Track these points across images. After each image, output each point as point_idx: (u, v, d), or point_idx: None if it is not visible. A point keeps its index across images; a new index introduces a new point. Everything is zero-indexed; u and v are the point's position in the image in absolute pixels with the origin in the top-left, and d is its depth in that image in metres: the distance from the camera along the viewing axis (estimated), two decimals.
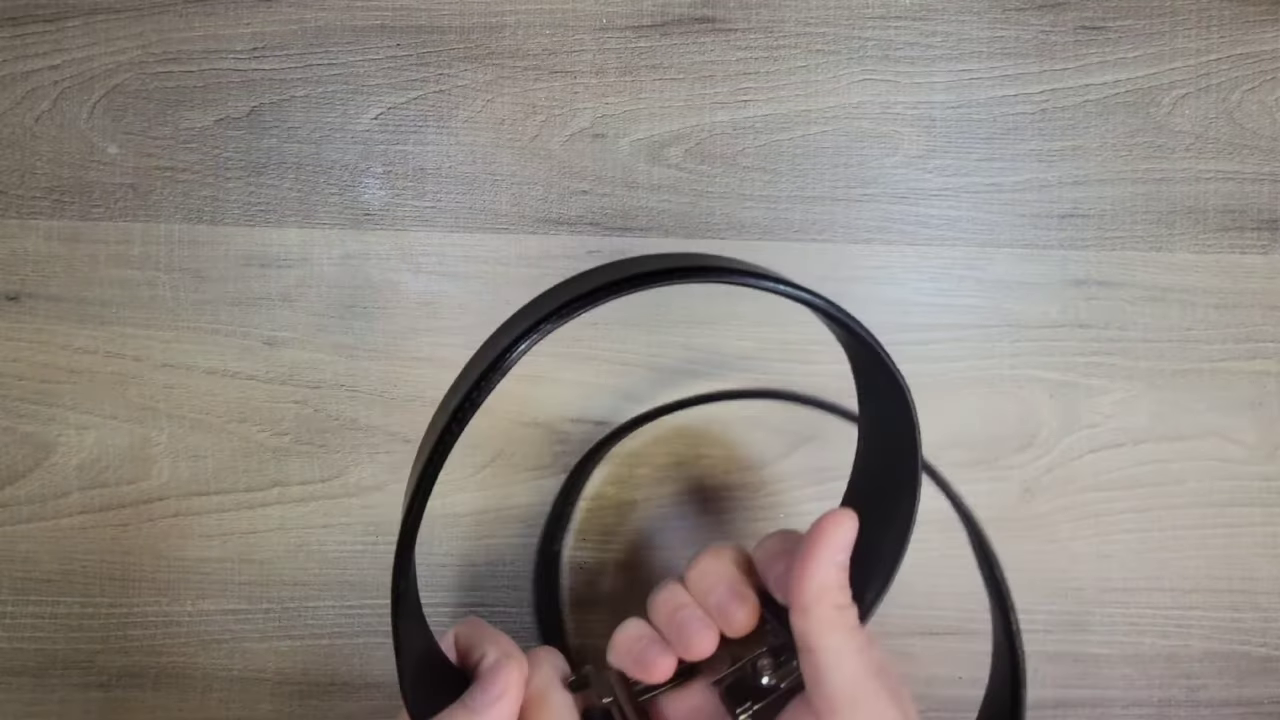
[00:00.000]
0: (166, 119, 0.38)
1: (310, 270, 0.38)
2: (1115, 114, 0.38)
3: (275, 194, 0.38)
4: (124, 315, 0.38)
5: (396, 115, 0.38)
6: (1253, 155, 0.38)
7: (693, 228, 0.38)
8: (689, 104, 0.38)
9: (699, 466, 0.38)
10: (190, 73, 0.38)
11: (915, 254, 0.38)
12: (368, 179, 0.38)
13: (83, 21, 0.38)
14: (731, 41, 0.38)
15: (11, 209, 0.38)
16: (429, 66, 0.38)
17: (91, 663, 0.37)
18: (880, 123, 0.38)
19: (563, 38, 0.38)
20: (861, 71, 0.38)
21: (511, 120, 0.38)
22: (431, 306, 0.38)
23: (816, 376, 0.38)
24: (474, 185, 0.38)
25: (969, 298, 0.38)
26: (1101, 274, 0.38)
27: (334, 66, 0.38)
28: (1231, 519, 0.38)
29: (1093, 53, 0.38)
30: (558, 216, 0.38)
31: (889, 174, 0.38)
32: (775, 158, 0.38)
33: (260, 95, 0.38)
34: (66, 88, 0.38)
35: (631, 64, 0.38)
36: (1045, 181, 0.38)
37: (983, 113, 0.38)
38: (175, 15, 0.38)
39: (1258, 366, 0.38)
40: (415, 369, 0.38)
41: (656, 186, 0.38)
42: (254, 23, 0.38)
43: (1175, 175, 0.39)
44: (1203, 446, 0.38)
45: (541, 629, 0.38)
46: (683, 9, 0.38)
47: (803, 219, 0.38)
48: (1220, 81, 0.38)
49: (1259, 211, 0.39)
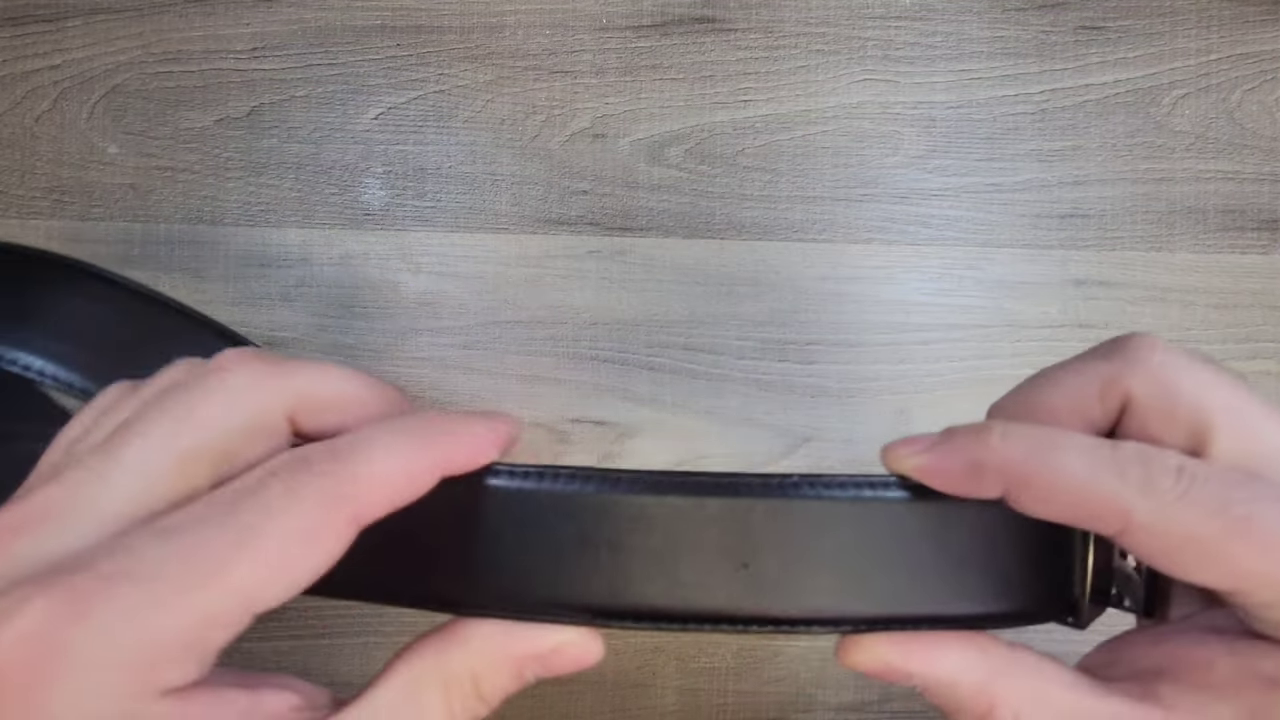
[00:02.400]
0: (166, 119, 0.38)
1: (310, 270, 0.38)
2: (1115, 114, 0.38)
3: (275, 194, 0.38)
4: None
5: (396, 115, 0.38)
6: (1253, 155, 0.38)
7: (693, 228, 0.38)
8: (689, 104, 0.38)
9: (698, 467, 0.38)
10: (190, 73, 0.38)
11: (915, 254, 0.38)
12: (368, 179, 0.38)
13: (83, 21, 0.38)
14: (731, 41, 0.38)
15: (11, 209, 0.38)
16: (429, 66, 0.38)
17: None
18: (880, 123, 0.38)
19: (563, 38, 0.38)
20: (861, 71, 0.38)
21: (511, 120, 0.38)
22: (431, 306, 0.38)
23: (817, 377, 0.38)
24: (474, 185, 0.38)
25: (969, 298, 0.38)
26: (1101, 274, 0.38)
27: (334, 66, 0.38)
28: None
29: (1093, 53, 0.38)
30: (558, 216, 0.38)
31: (889, 174, 0.38)
32: (775, 158, 0.38)
33: (260, 95, 0.38)
34: (66, 88, 0.38)
35: (631, 64, 0.38)
36: (1045, 181, 0.38)
37: (983, 113, 0.38)
38: (175, 15, 0.38)
39: (1258, 366, 0.38)
40: (415, 369, 0.38)
41: (656, 186, 0.38)
42: (254, 23, 0.38)
43: (1175, 175, 0.39)
44: None
45: None
46: (683, 9, 0.38)
47: (803, 219, 0.38)
48: (1220, 81, 0.38)
49: (1259, 211, 0.39)
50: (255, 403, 0.16)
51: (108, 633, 0.13)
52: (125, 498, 0.15)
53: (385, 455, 0.15)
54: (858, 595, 0.16)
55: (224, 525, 0.14)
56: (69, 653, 0.13)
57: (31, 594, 0.13)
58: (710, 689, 0.37)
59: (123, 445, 0.15)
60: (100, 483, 0.15)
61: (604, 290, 0.38)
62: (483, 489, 0.16)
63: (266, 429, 0.16)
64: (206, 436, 0.15)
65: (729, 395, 0.38)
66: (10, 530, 0.14)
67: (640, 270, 0.38)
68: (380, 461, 0.15)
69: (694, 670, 0.37)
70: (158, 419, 0.15)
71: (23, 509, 0.15)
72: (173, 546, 0.14)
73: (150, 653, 0.13)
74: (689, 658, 0.37)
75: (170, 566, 0.13)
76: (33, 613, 0.13)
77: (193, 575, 0.13)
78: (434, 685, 0.16)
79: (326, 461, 0.15)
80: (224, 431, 0.15)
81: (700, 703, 0.37)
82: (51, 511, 0.14)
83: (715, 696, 0.37)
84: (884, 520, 0.16)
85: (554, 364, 0.38)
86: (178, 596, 0.13)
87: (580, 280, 0.38)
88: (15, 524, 0.14)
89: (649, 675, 0.37)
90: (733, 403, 0.38)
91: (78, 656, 0.13)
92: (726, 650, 0.37)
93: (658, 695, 0.37)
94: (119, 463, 0.15)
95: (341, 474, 0.15)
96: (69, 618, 0.13)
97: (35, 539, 0.14)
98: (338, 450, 0.15)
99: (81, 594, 0.13)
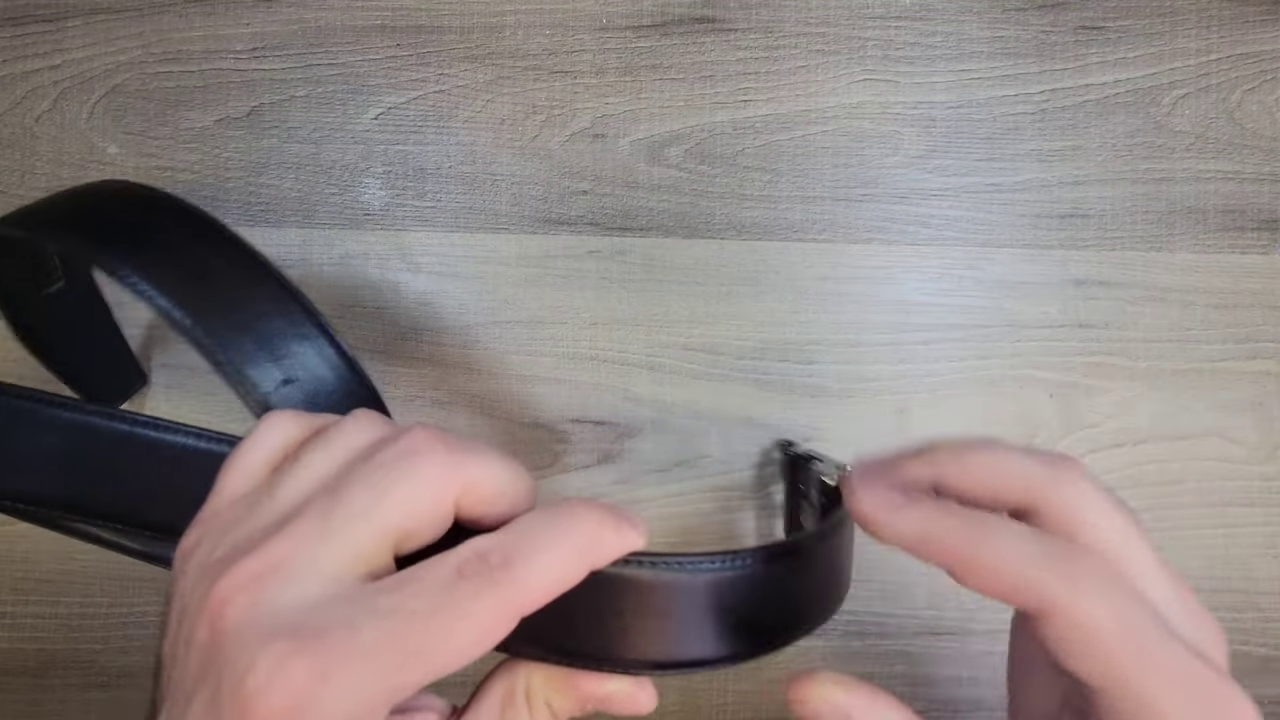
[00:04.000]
0: (166, 119, 0.38)
1: (310, 270, 0.38)
2: (1115, 114, 0.38)
3: (275, 194, 0.38)
4: (124, 316, 0.38)
5: (396, 115, 0.38)
6: (1253, 155, 0.38)
7: (693, 228, 0.38)
8: (689, 104, 0.38)
9: (699, 466, 0.38)
10: (190, 73, 0.38)
11: (915, 254, 0.38)
12: (368, 179, 0.38)
13: (83, 21, 0.38)
14: (731, 41, 0.38)
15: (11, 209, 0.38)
16: (429, 66, 0.38)
17: (92, 663, 0.37)
18: (880, 123, 0.38)
19: (563, 38, 0.38)
20: (861, 71, 0.38)
21: (511, 120, 0.38)
22: (431, 306, 0.38)
23: (817, 377, 0.38)
24: (474, 185, 0.38)
25: (969, 298, 0.38)
26: (1101, 274, 0.38)
27: (334, 66, 0.38)
28: (1231, 519, 0.38)
29: (1093, 53, 0.38)
30: (558, 216, 0.38)
31: (889, 174, 0.38)
32: (775, 158, 0.38)
33: (260, 95, 0.38)
34: (66, 88, 0.38)
35: (631, 64, 0.38)
36: (1045, 181, 0.38)
37: (983, 113, 0.38)
38: (175, 15, 0.38)
39: (1258, 366, 0.38)
40: (415, 369, 0.38)
41: (656, 186, 0.38)
42: (254, 23, 0.38)
43: (1175, 175, 0.39)
44: (1203, 446, 0.38)
45: None
46: (683, 9, 0.38)
47: (803, 219, 0.38)
48: (1220, 81, 0.38)
49: (1259, 211, 0.39)
50: (440, 493, 0.18)
51: (342, 694, 0.16)
52: (339, 562, 0.17)
53: (548, 561, 0.18)
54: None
55: (428, 623, 0.17)
56: (316, 707, 0.16)
57: (293, 653, 0.16)
58: (710, 689, 0.37)
59: (332, 513, 0.18)
60: (320, 544, 0.17)
61: (604, 290, 0.38)
62: (614, 579, 0.19)
63: (443, 516, 0.19)
64: (399, 519, 0.18)
65: (729, 395, 0.38)
66: (257, 580, 0.17)
67: (640, 270, 0.38)
68: (544, 569, 0.18)
69: None
70: (362, 494, 0.18)
71: (261, 560, 0.17)
72: (387, 628, 0.17)
73: (365, 712, 0.17)
74: None
75: (387, 650, 0.17)
76: (298, 672, 0.16)
77: (403, 657, 0.17)
78: (520, 698, 0.20)
79: (502, 569, 0.18)
80: (413, 516, 0.18)
81: (700, 703, 0.37)
82: (286, 565, 0.17)
83: (715, 696, 0.37)
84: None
85: (554, 364, 0.38)
86: (392, 672, 0.17)
87: (580, 280, 0.38)
88: (259, 574, 0.17)
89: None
90: (733, 403, 0.38)
91: (321, 711, 0.16)
92: None
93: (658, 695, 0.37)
94: (336, 531, 0.18)
95: (516, 583, 0.17)
96: (319, 679, 0.16)
97: (278, 591, 0.17)
98: (509, 556, 0.18)
99: (327, 660, 0.16)
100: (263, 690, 0.16)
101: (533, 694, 0.20)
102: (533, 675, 0.20)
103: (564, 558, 0.18)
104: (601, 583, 0.19)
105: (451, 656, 0.17)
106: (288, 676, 0.16)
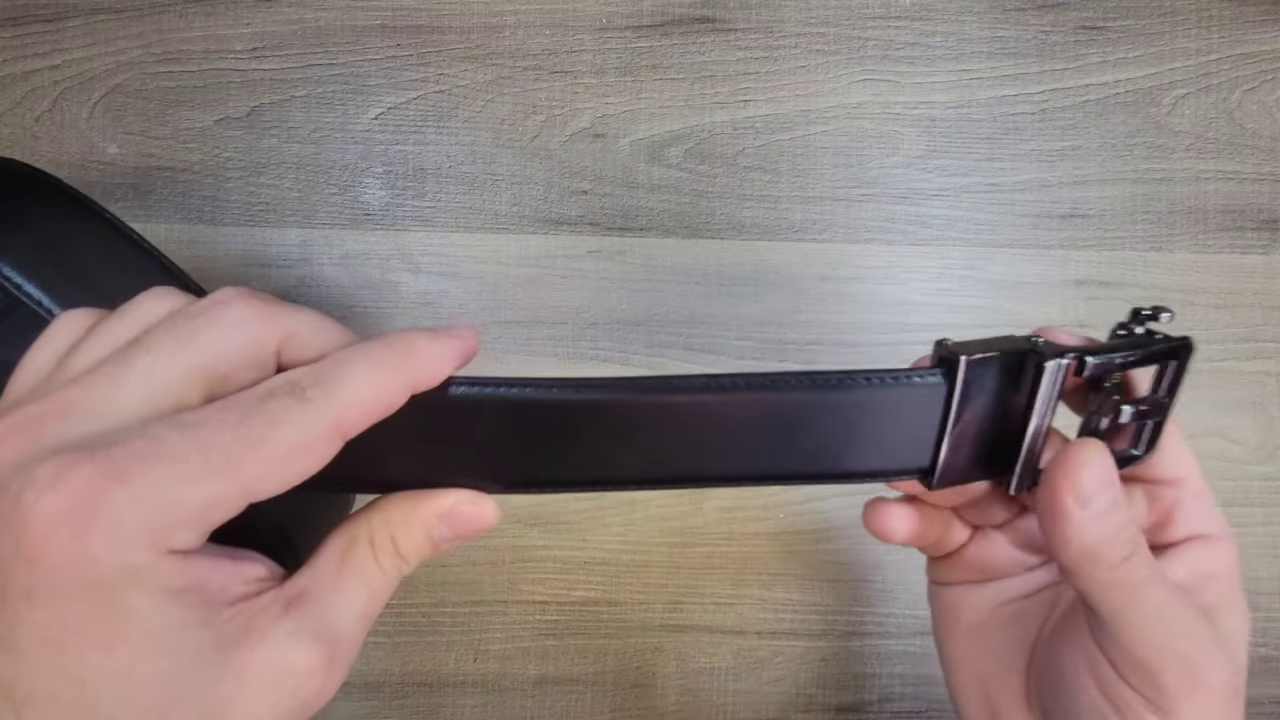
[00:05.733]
0: (166, 119, 0.38)
1: (310, 270, 0.38)
2: (1115, 114, 0.38)
3: (275, 194, 0.38)
4: None
5: (396, 115, 0.38)
6: (1253, 155, 0.38)
7: (693, 228, 0.38)
8: (689, 104, 0.38)
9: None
10: (190, 73, 0.38)
11: (915, 254, 0.38)
12: (368, 179, 0.38)
13: (83, 21, 0.38)
14: (731, 41, 0.38)
15: None
16: (429, 66, 0.38)
17: None
18: (880, 123, 0.38)
19: (563, 38, 0.38)
20: (861, 71, 0.38)
21: (511, 120, 0.38)
22: (431, 306, 0.38)
23: None
24: (474, 185, 0.38)
25: (969, 298, 0.38)
26: (1101, 274, 0.38)
27: (334, 66, 0.38)
28: (1231, 519, 0.38)
29: (1093, 53, 0.38)
30: (558, 216, 0.38)
31: (889, 174, 0.38)
32: (775, 158, 0.38)
33: (260, 95, 0.38)
34: (66, 88, 0.38)
35: (631, 64, 0.38)
36: (1045, 181, 0.38)
37: (983, 113, 0.38)
38: (175, 15, 0.38)
39: (1258, 366, 0.38)
40: None
41: (656, 186, 0.38)
42: (254, 23, 0.38)
43: (1175, 175, 0.39)
44: (1203, 446, 0.38)
45: None
46: (683, 9, 0.38)
47: (803, 219, 0.38)
48: (1220, 81, 0.38)
49: (1259, 211, 0.39)
50: (251, 335, 0.18)
51: (139, 497, 0.15)
52: (137, 400, 0.17)
53: (361, 381, 0.18)
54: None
55: (236, 430, 0.16)
56: (108, 508, 0.15)
57: (78, 460, 0.15)
58: (710, 689, 0.37)
59: (134, 358, 0.17)
60: (115, 386, 0.17)
61: (604, 290, 0.38)
62: (442, 399, 0.19)
63: (258, 360, 0.18)
64: (207, 359, 0.17)
65: None
66: (38, 419, 0.16)
67: (640, 270, 0.38)
68: (357, 388, 0.17)
69: (694, 670, 0.37)
70: (164, 339, 0.17)
71: (45, 405, 0.16)
72: (193, 439, 0.16)
73: (168, 518, 0.16)
74: (689, 658, 0.37)
75: (192, 454, 0.16)
76: (81, 474, 0.15)
77: (209, 464, 0.16)
78: (362, 544, 0.19)
79: (314, 388, 0.17)
80: (223, 356, 0.17)
81: (700, 703, 0.37)
82: (74, 407, 0.16)
83: (715, 696, 0.37)
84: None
85: (554, 364, 0.38)
86: (197, 479, 0.16)
87: (580, 280, 0.38)
88: (41, 414, 0.16)
89: (649, 675, 0.37)
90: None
91: (113, 512, 0.15)
92: (726, 650, 0.37)
93: (658, 695, 0.37)
94: (132, 371, 0.17)
95: (330, 401, 0.17)
96: (111, 480, 0.15)
97: (62, 427, 0.16)
98: (321, 378, 0.17)
99: (121, 464, 0.15)
100: (42, 497, 0.15)
101: (375, 537, 0.20)
102: (372, 518, 0.20)
103: (377, 376, 0.18)
104: (426, 406, 0.19)
105: (265, 466, 0.16)
106: (69, 481, 0.15)
